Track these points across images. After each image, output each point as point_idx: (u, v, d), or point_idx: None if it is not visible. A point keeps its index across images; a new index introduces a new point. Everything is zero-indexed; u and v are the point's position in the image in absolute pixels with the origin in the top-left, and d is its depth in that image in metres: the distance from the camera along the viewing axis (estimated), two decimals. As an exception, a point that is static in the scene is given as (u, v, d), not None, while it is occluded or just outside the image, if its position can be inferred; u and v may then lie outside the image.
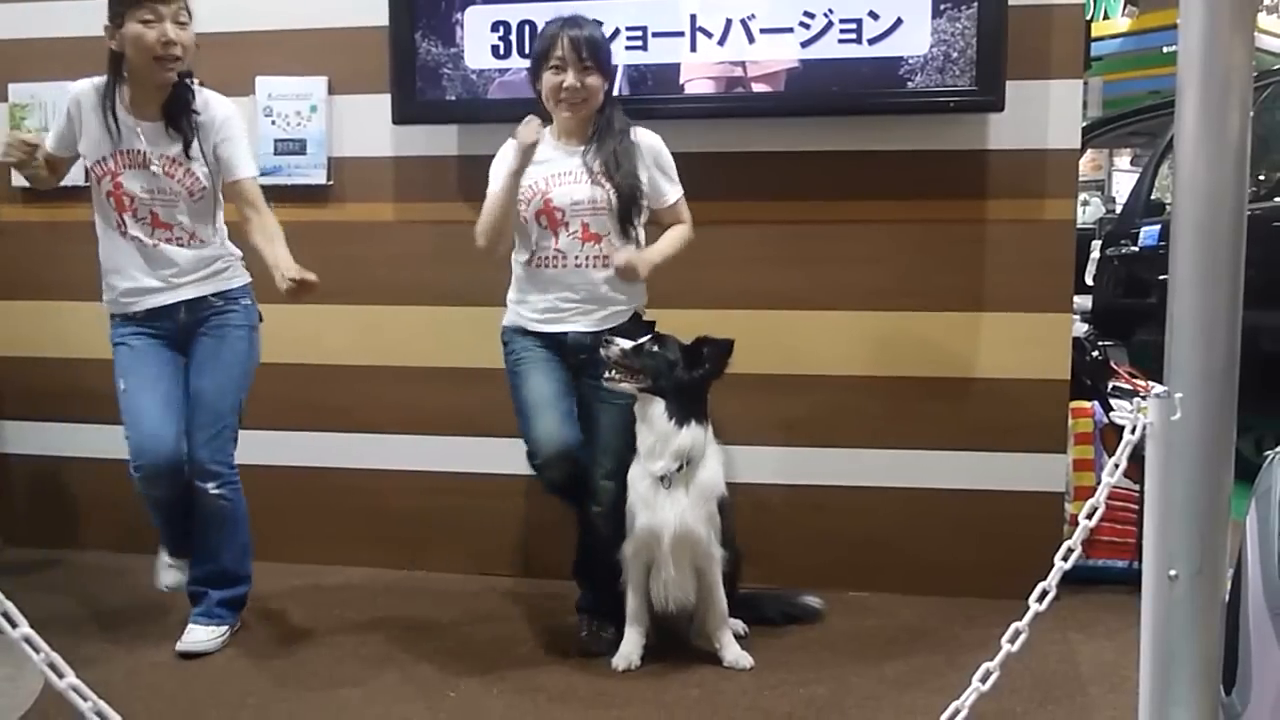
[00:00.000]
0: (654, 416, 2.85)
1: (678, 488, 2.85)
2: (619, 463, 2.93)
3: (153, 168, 2.90)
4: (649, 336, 2.91)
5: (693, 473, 2.85)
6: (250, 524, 3.12)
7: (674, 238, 3.01)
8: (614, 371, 2.85)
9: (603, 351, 2.85)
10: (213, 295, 3.01)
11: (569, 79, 2.86)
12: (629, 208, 2.92)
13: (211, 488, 2.98)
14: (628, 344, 2.86)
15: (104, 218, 2.98)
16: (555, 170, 2.94)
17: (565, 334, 2.96)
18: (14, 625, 1.42)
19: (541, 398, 2.91)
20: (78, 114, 2.92)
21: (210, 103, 2.97)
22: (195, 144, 2.92)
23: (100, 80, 2.92)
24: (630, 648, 2.91)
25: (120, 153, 2.91)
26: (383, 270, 3.70)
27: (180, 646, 2.99)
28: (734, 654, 2.90)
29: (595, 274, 2.94)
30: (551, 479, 2.95)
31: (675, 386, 2.85)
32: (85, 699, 1.40)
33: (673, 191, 3.01)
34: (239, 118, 3.01)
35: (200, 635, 3.02)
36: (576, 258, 2.93)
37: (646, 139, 2.99)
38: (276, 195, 3.74)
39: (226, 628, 3.08)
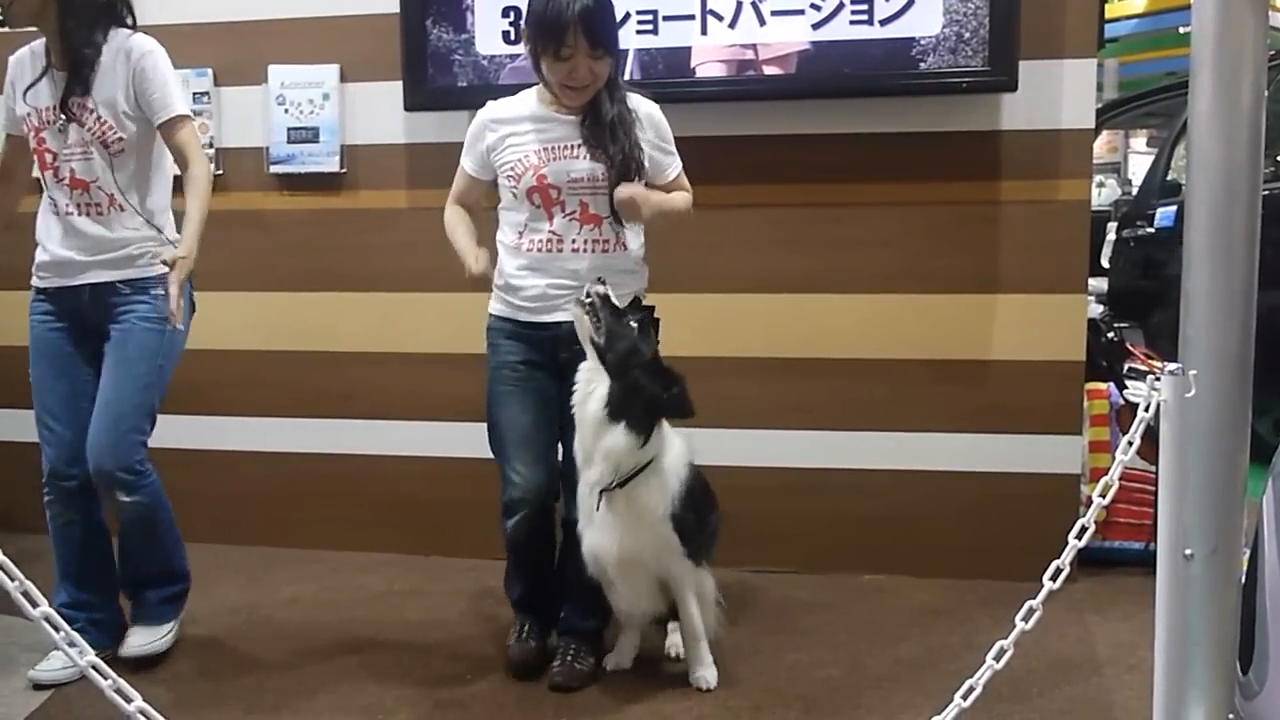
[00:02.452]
0: (592, 395, 2.53)
1: (616, 505, 2.55)
2: None
3: (69, 120, 2.69)
4: (641, 313, 2.60)
5: (635, 488, 2.54)
6: (266, 510, 3.11)
7: (675, 198, 2.74)
8: (584, 308, 2.52)
9: (587, 287, 2.54)
10: (121, 283, 2.74)
11: (580, 69, 2.56)
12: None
13: (122, 496, 2.72)
14: (614, 298, 2.55)
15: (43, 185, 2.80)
16: (549, 140, 2.64)
17: (558, 324, 2.66)
18: (35, 605, 1.44)
19: (521, 434, 2.68)
20: (16, 79, 2.77)
21: (126, 42, 2.71)
22: (102, 87, 2.67)
23: (39, 40, 2.76)
24: (626, 649, 2.79)
25: (43, 109, 2.73)
26: (396, 257, 3.70)
27: (123, 652, 2.76)
28: (699, 672, 2.68)
29: (596, 260, 2.66)
30: (522, 532, 2.72)
31: (626, 371, 2.51)
32: (106, 678, 1.42)
33: (673, 165, 2.76)
34: (159, 55, 2.73)
35: (141, 639, 2.80)
36: (574, 242, 2.65)
37: (645, 107, 2.71)
38: (290, 183, 3.78)
39: (170, 624, 2.88)
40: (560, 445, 2.74)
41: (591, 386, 2.56)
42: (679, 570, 2.64)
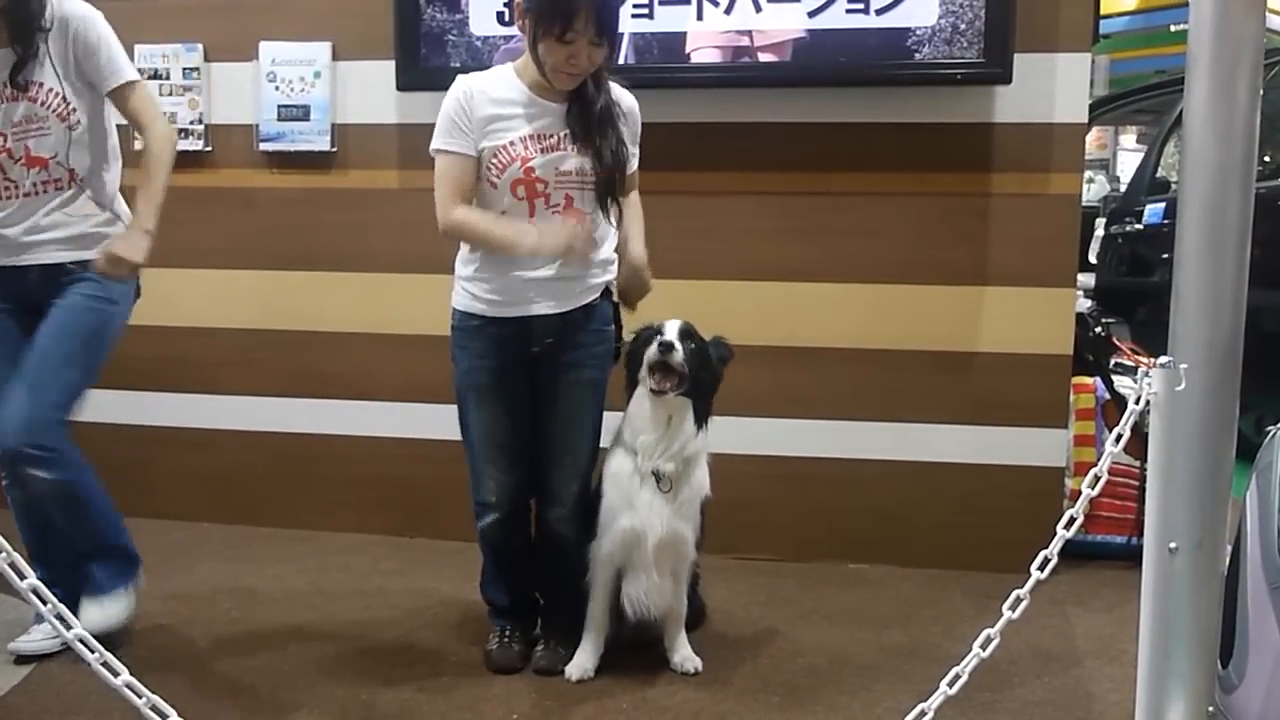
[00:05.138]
0: (681, 419, 2.58)
1: (669, 489, 2.59)
2: (591, 454, 2.66)
3: (19, 96, 2.54)
4: (681, 331, 2.58)
5: (688, 472, 2.62)
6: (251, 489, 3.07)
7: (640, 220, 2.69)
8: (657, 375, 2.53)
9: (663, 356, 2.51)
10: (72, 263, 2.62)
11: (581, 55, 2.41)
12: (614, 181, 2.54)
13: (39, 473, 2.54)
14: (678, 344, 2.53)
15: None
16: (536, 129, 2.49)
17: (531, 318, 2.56)
18: (22, 577, 1.43)
19: (496, 438, 2.62)
20: None
21: (61, 9, 2.55)
22: (48, 61, 2.54)
23: None
24: (586, 657, 2.67)
25: None
26: (386, 238, 3.69)
27: (82, 629, 2.59)
28: (683, 655, 2.71)
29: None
30: (499, 533, 2.68)
31: (709, 387, 2.63)
32: (92, 650, 1.41)
33: (635, 159, 2.65)
34: (98, 20, 2.58)
35: (95, 614, 2.62)
36: None
37: (627, 100, 2.60)
38: (280, 161, 3.75)
39: (119, 597, 2.71)
40: (545, 441, 2.64)
41: (672, 407, 2.57)
42: (692, 556, 2.69)
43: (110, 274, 2.55)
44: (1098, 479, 1.70)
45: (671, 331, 2.57)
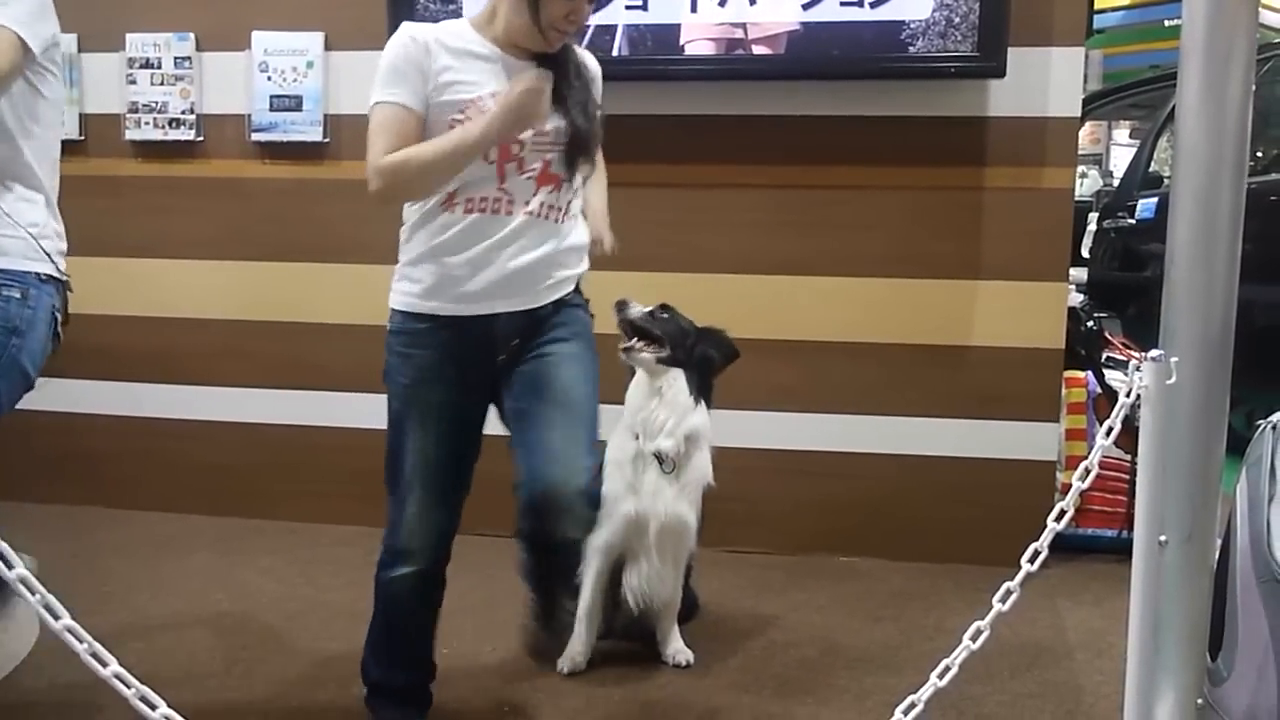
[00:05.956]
0: (674, 389, 2.55)
1: (671, 471, 2.58)
2: (593, 433, 2.19)
3: None
4: (659, 305, 2.62)
5: (690, 452, 2.60)
6: (241, 481, 3.03)
7: (604, 194, 2.37)
8: (634, 339, 2.54)
9: (619, 314, 2.52)
10: None
11: (582, 9, 2.08)
12: (590, 140, 2.16)
13: None
14: (642, 308, 2.58)
15: None
16: (500, 87, 2.08)
17: (494, 317, 2.13)
18: (10, 566, 1.42)
19: (427, 471, 2.18)
20: None
21: None
22: None
23: None
24: (578, 648, 2.65)
25: None
26: (378, 228, 3.66)
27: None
28: (675, 647, 2.72)
29: (547, 229, 2.14)
30: (414, 591, 2.26)
31: (699, 358, 2.60)
32: (81, 641, 1.40)
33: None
34: None
35: None
36: (528, 205, 2.10)
37: (591, 61, 2.25)
38: (271, 152, 3.74)
39: None
40: (541, 438, 2.12)
41: (663, 378, 2.57)
42: (693, 542, 2.68)
43: None
44: (1088, 472, 1.70)
45: (635, 302, 2.60)
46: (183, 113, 3.74)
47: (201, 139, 3.74)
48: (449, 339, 2.15)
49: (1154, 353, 1.63)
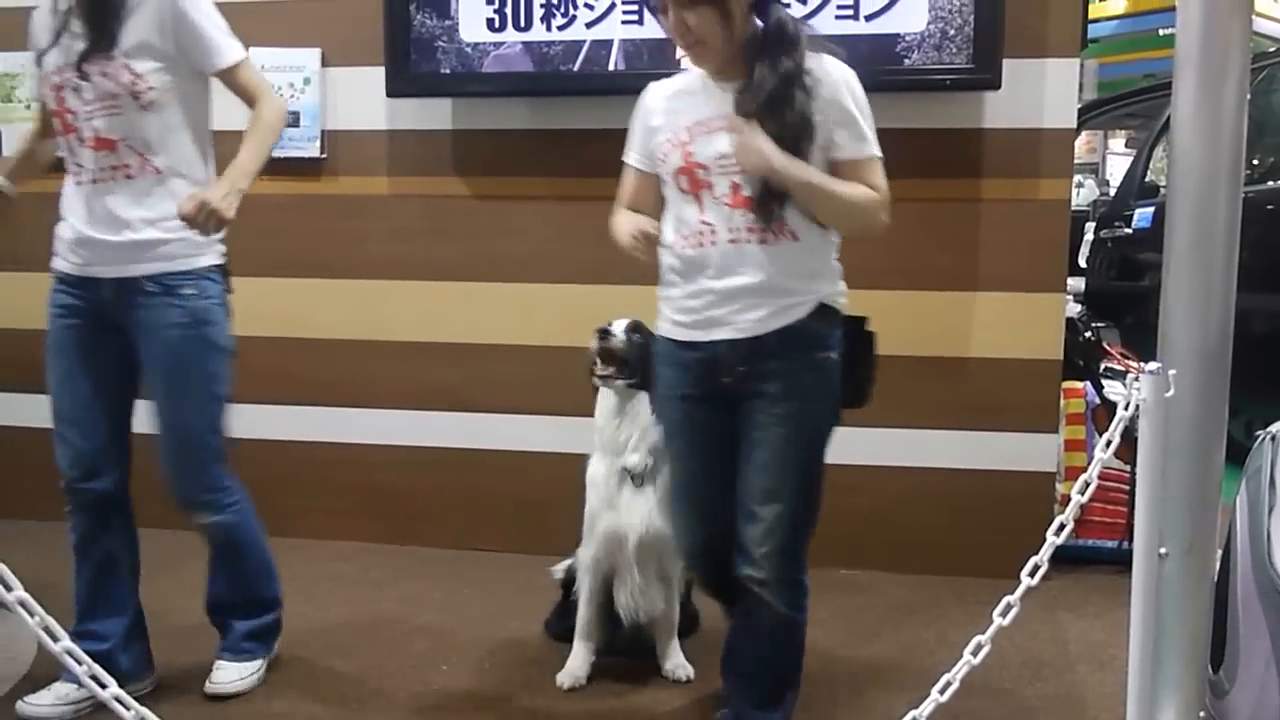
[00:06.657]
0: (637, 410, 2.57)
1: (645, 486, 2.60)
2: (799, 511, 2.39)
3: (91, 72, 2.33)
4: (628, 323, 2.59)
5: (659, 466, 2.58)
6: None
7: (840, 183, 2.18)
8: (606, 365, 2.55)
9: (601, 343, 2.54)
10: (146, 278, 2.40)
11: (679, 21, 2.09)
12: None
13: (205, 518, 2.58)
14: (622, 334, 2.58)
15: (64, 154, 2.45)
16: (703, 115, 2.17)
17: (716, 343, 2.19)
18: (9, 589, 1.42)
19: (692, 487, 2.33)
20: (37, 34, 2.42)
21: None
22: (124, 33, 2.32)
23: None
24: (578, 663, 2.68)
25: (64, 66, 2.36)
26: (376, 244, 3.68)
27: (209, 688, 2.58)
28: (675, 662, 2.72)
29: (753, 252, 2.14)
30: (710, 576, 2.44)
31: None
32: (80, 662, 1.40)
33: (851, 147, 2.18)
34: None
35: (229, 675, 2.60)
36: (731, 232, 2.15)
37: (834, 74, 2.19)
38: (269, 168, 3.68)
39: (258, 662, 2.66)
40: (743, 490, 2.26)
41: (628, 400, 2.59)
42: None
43: (193, 222, 2.30)
44: (1088, 484, 1.70)
45: (617, 324, 2.60)
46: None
47: (198, 155, 3.74)
48: (682, 381, 2.31)
49: (1151, 366, 1.62)
